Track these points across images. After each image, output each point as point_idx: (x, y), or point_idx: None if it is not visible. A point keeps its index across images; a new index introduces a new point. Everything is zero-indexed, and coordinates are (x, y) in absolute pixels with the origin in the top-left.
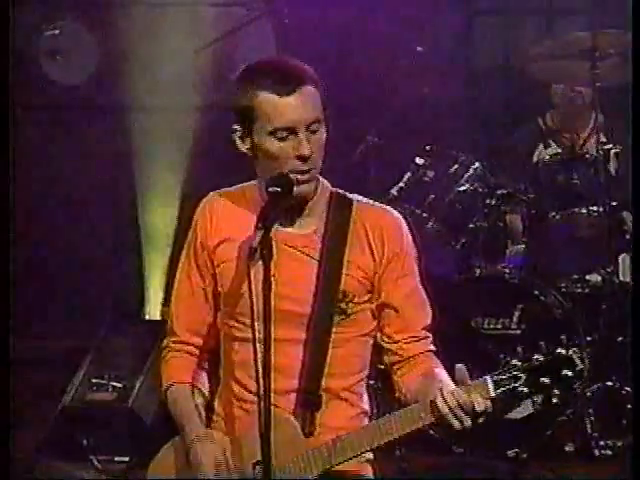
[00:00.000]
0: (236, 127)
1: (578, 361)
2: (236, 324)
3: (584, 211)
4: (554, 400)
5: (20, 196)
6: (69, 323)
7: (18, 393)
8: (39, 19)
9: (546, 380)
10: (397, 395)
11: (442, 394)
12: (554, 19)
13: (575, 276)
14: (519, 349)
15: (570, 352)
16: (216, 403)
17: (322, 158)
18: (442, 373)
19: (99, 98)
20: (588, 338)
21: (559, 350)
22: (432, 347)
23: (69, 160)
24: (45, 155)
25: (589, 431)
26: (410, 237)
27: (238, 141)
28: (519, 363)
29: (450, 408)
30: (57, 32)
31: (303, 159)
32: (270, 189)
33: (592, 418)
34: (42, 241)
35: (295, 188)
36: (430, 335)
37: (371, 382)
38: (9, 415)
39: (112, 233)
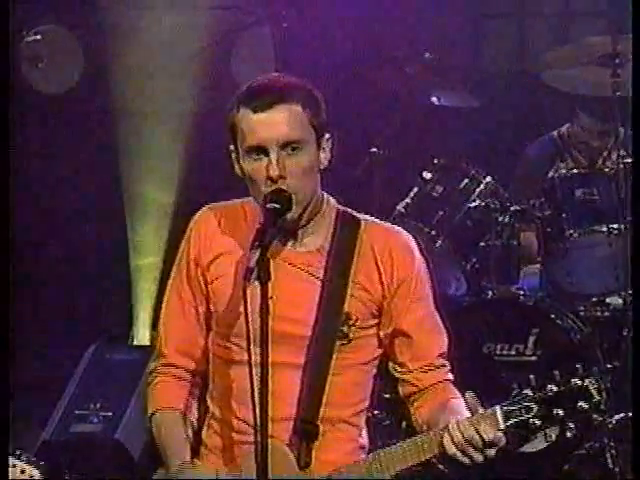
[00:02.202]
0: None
1: (595, 392)
2: (232, 346)
3: (604, 229)
4: (568, 434)
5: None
6: (52, 349)
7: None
8: (19, 24)
9: (560, 412)
10: (415, 427)
11: (448, 428)
12: (570, 22)
13: (594, 299)
14: (532, 377)
15: (586, 382)
16: (203, 433)
17: (310, 181)
18: (458, 404)
19: (87, 104)
20: (608, 365)
21: (574, 380)
22: (450, 376)
23: (56, 171)
24: (28, 165)
25: (610, 465)
26: (422, 260)
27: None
28: (531, 393)
29: (455, 443)
30: (39, 37)
31: (272, 181)
32: (268, 205)
33: (613, 451)
34: (25, 262)
35: None
36: (447, 363)
37: (375, 412)
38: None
39: (99, 252)
